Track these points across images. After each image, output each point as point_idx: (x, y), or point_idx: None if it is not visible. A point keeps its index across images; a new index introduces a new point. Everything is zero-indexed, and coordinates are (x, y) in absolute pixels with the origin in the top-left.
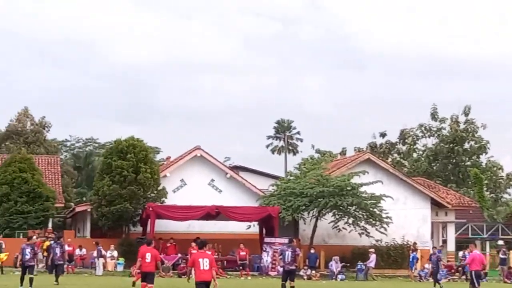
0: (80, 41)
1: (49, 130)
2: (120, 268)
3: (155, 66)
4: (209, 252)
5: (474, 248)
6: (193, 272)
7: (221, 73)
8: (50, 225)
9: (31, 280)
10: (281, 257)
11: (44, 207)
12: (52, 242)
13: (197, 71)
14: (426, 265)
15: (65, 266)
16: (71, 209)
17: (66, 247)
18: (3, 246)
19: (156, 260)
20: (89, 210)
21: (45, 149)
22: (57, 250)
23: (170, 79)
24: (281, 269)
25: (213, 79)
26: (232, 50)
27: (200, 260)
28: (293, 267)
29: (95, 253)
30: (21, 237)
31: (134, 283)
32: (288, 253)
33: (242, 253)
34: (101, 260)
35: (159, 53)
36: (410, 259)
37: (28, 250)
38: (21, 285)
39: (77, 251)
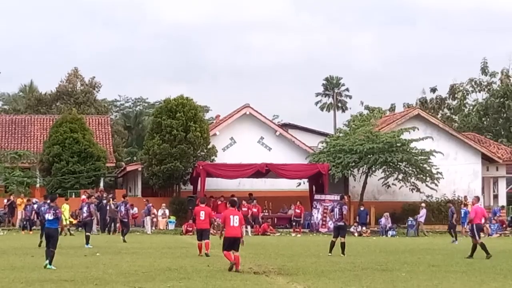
0: (128, 2)
1: (99, 90)
2: (171, 227)
3: (204, 25)
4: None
5: (476, 202)
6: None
7: (270, 31)
8: (101, 184)
9: (87, 238)
10: (332, 213)
11: (95, 166)
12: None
13: (246, 29)
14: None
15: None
16: (122, 168)
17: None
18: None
19: (210, 217)
20: (139, 169)
21: (95, 109)
22: (122, 208)
23: (219, 38)
24: (331, 226)
25: (262, 37)
26: (281, 7)
27: (231, 217)
28: (341, 223)
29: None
30: (73, 196)
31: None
32: (336, 210)
33: (297, 211)
34: (149, 218)
35: (208, 11)
36: (462, 215)
37: (85, 208)
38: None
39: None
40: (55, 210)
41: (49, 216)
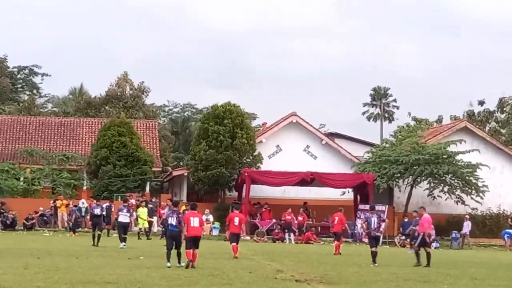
0: (173, 6)
1: (147, 95)
2: (215, 232)
3: (248, 31)
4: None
5: (424, 212)
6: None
7: (314, 37)
8: (147, 188)
9: (124, 239)
10: (365, 223)
11: (142, 170)
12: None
13: (290, 36)
14: None
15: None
16: (168, 173)
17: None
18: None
19: (242, 223)
20: (185, 174)
21: (144, 113)
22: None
23: (263, 44)
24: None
25: (306, 44)
26: (325, 14)
27: (191, 218)
28: (379, 234)
29: None
30: (119, 199)
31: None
32: (374, 219)
33: None
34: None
35: (252, 17)
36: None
37: (125, 211)
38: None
39: None
40: (178, 214)
41: (172, 221)
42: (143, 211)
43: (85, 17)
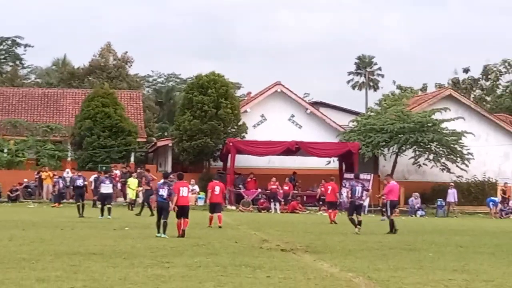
0: None
1: (131, 65)
2: (200, 202)
3: (234, 2)
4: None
5: (391, 179)
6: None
7: (299, 8)
8: (132, 159)
9: (109, 209)
10: (350, 191)
11: (126, 141)
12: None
13: (276, 7)
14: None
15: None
16: (153, 143)
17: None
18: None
19: (222, 192)
20: (170, 145)
21: (128, 84)
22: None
23: (249, 15)
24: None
25: (292, 15)
26: None
27: (180, 188)
28: (362, 202)
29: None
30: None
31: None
32: (359, 188)
33: (323, 189)
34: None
35: None
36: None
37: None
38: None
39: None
40: (169, 186)
41: (163, 192)
42: (133, 182)
43: None
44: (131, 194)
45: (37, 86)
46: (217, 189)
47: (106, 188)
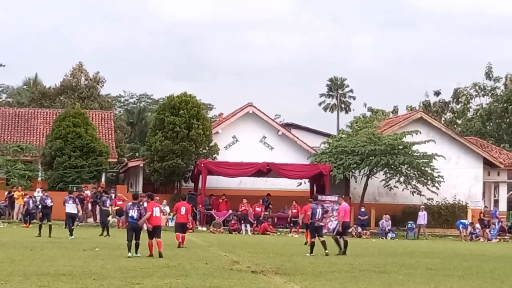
0: None
1: (103, 85)
2: (171, 224)
3: (205, 23)
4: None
5: (342, 201)
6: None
7: (271, 30)
8: (103, 179)
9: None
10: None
11: (97, 161)
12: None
13: (247, 28)
14: (477, 225)
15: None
16: (124, 164)
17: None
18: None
19: (188, 213)
20: (141, 165)
21: (99, 104)
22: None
23: (220, 36)
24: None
25: (264, 36)
26: (283, 6)
27: (154, 208)
28: (322, 223)
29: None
30: (74, 190)
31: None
32: (319, 210)
33: (294, 211)
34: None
35: (209, 10)
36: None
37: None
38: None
39: None
40: (139, 207)
41: (133, 213)
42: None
43: (41, 7)
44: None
45: (8, 106)
46: (183, 210)
47: (71, 208)
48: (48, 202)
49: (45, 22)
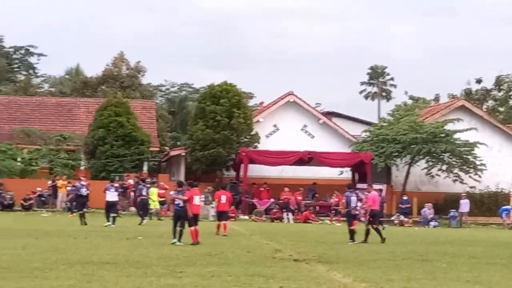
0: None
1: (144, 74)
2: (212, 212)
3: (244, 12)
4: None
5: (372, 190)
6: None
7: (310, 18)
8: (145, 168)
9: (113, 218)
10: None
11: (139, 150)
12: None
13: (286, 16)
14: None
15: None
16: (165, 153)
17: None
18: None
19: (229, 201)
20: (183, 154)
21: (141, 93)
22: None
23: (260, 25)
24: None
25: (302, 24)
26: None
27: (195, 197)
28: (356, 212)
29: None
30: (116, 178)
31: None
32: (353, 199)
33: (336, 199)
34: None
35: None
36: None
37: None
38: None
39: None
40: (182, 195)
41: (179, 200)
42: (154, 192)
43: None
44: (153, 205)
45: (50, 95)
46: (224, 198)
47: (111, 196)
48: (83, 191)
49: (86, 11)
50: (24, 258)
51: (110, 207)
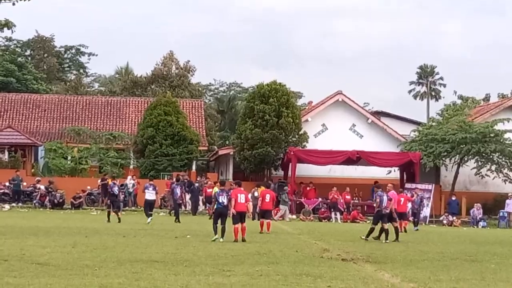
0: None
1: (193, 74)
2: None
3: (292, 10)
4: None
5: (392, 189)
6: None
7: (357, 17)
8: (194, 167)
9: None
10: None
11: (188, 149)
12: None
13: (334, 15)
14: None
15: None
16: (214, 152)
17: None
18: None
19: (273, 200)
20: (231, 153)
21: (190, 92)
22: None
23: (307, 24)
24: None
25: (350, 23)
26: None
27: (239, 195)
28: (388, 211)
29: None
30: (165, 178)
31: None
32: (385, 198)
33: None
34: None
35: None
36: None
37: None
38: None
39: None
40: (227, 193)
41: (222, 199)
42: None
43: None
44: None
45: (100, 94)
46: (268, 197)
47: (150, 195)
48: (115, 189)
49: (135, 11)
50: (74, 256)
51: (148, 205)
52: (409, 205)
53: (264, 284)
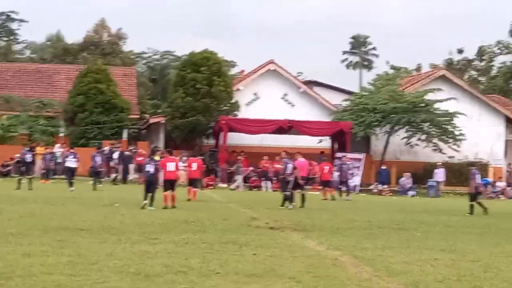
0: None
1: (125, 41)
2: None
3: None
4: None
5: (299, 156)
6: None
7: None
8: (124, 136)
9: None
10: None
11: (119, 118)
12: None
13: None
14: (499, 183)
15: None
16: (145, 120)
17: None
18: None
19: (200, 168)
20: (163, 122)
21: (122, 60)
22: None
23: None
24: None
25: None
26: None
27: (168, 163)
28: (292, 178)
29: None
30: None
31: None
32: (290, 166)
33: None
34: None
35: None
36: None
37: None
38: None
39: None
40: (155, 162)
41: (149, 168)
42: None
43: None
44: None
45: (30, 62)
46: (194, 165)
47: (71, 163)
48: (28, 157)
49: None
50: None
51: (70, 172)
52: (336, 174)
53: (189, 252)
